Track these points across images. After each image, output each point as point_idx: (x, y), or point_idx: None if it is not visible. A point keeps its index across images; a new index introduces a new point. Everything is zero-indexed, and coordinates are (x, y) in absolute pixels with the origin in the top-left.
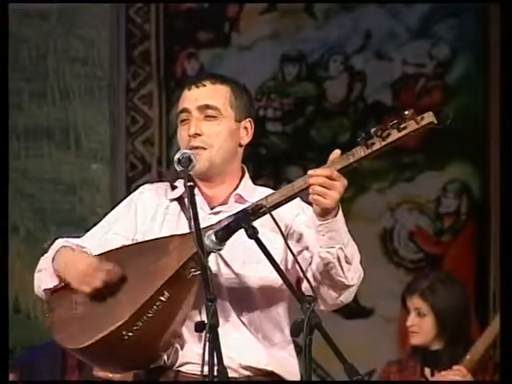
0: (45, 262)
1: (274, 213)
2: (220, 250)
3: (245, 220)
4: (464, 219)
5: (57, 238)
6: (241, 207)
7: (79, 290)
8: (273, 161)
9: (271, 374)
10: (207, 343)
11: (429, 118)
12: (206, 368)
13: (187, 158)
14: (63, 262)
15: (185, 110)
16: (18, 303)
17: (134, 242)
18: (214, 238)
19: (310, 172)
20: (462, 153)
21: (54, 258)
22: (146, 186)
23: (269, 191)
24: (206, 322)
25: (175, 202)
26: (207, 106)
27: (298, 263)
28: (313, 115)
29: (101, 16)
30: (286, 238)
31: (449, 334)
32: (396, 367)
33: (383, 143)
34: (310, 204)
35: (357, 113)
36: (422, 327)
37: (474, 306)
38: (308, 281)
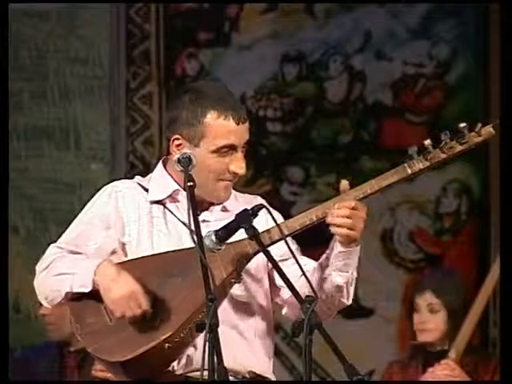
0: (67, 265)
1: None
2: (219, 250)
3: (245, 220)
4: (464, 219)
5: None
6: (225, 216)
7: (112, 314)
8: (273, 161)
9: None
10: (207, 343)
11: (490, 131)
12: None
13: (187, 157)
14: (106, 280)
15: (232, 147)
16: (18, 303)
17: (121, 243)
18: (213, 237)
19: (332, 210)
20: (461, 153)
21: (95, 270)
22: (117, 183)
23: (247, 196)
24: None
25: (157, 205)
26: (247, 143)
27: (303, 270)
28: (313, 115)
29: (101, 16)
30: (289, 246)
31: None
32: (398, 367)
33: (443, 156)
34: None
35: (357, 113)
36: (436, 323)
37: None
38: (310, 284)
